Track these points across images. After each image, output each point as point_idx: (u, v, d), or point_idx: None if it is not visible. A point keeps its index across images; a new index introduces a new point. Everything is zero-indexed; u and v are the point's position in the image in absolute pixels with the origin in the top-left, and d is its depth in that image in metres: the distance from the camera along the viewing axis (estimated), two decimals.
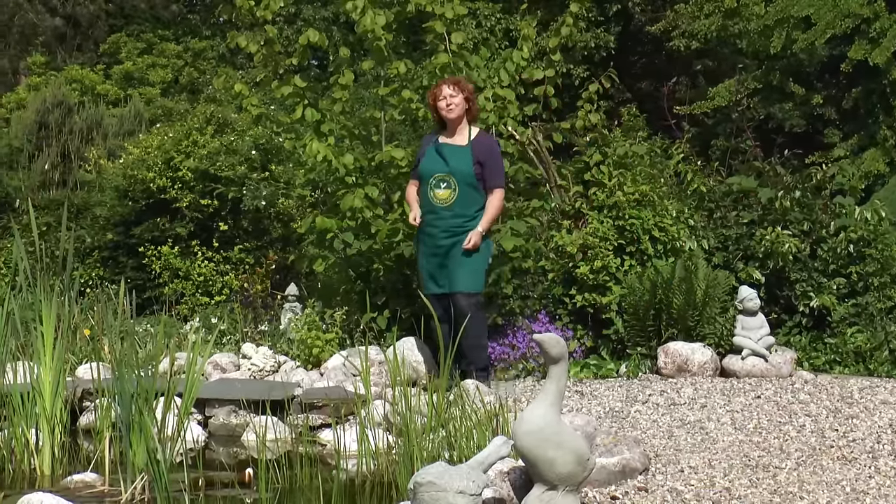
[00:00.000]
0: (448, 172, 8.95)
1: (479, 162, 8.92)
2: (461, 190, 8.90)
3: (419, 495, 4.89)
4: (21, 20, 36.82)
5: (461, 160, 8.94)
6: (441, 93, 9.04)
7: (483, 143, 9.06)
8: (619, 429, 7.35)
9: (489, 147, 9.07)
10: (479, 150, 8.97)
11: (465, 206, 8.92)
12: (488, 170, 8.94)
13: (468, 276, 8.87)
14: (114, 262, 16.00)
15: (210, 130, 16.44)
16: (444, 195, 8.94)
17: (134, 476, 6.37)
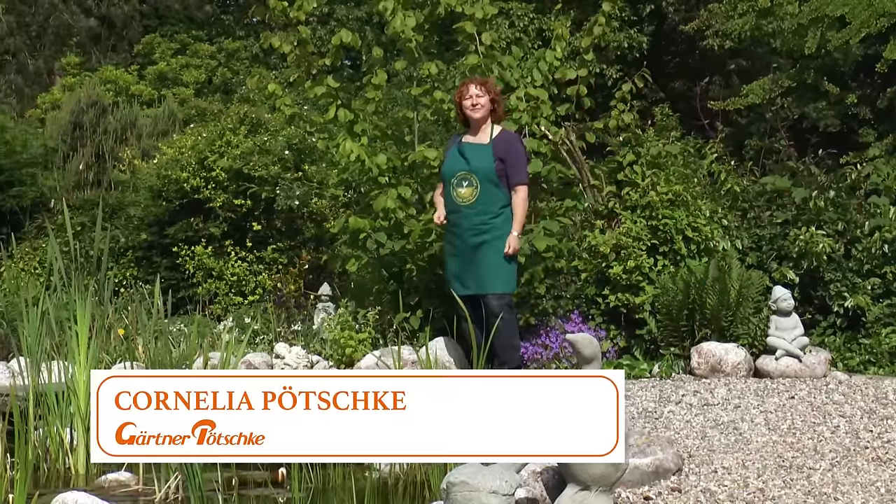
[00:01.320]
0: (469, 171, 8.97)
1: (500, 159, 8.93)
2: (483, 187, 8.92)
3: (452, 495, 4.89)
4: (56, 21, 36.99)
5: (482, 158, 8.96)
6: (467, 91, 9.05)
7: (504, 139, 9.07)
8: (652, 429, 7.34)
9: (510, 143, 9.07)
10: (499, 147, 8.98)
11: (487, 203, 8.93)
12: (509, 166, 8.93)
13: (499, 276, 8.88)
14: (148, 262, 16.07)
15: (243, 130, 16.49)
16: (467, 193, 8.96)
17: (168, 475, 6.39)
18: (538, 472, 5.42)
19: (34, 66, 37.08)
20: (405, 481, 6.52)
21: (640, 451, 6.00)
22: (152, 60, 36.70)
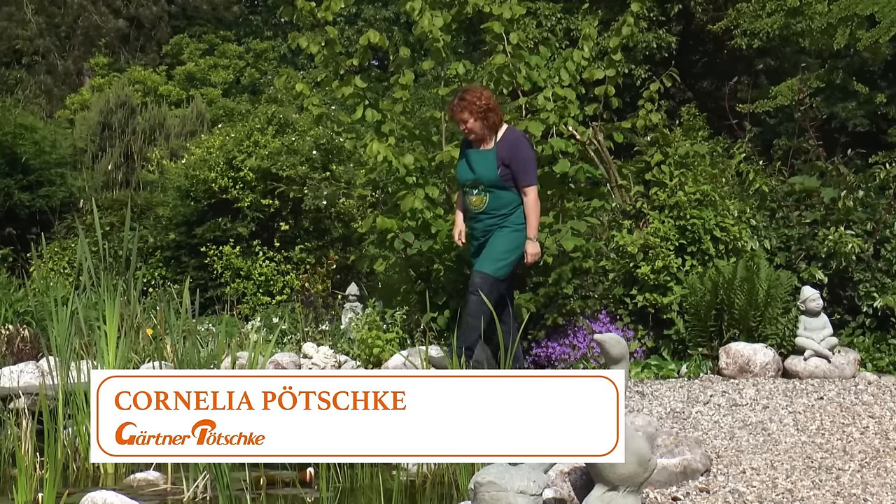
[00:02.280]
0: (475, 179, 9.06)
1: (503, 164, 8.96)
2: (491, 194, 9.03)
3: (479, 495, 4.89)
4: (85, 22, 37.13)
5: (486, 166, 9.02)
6: (456, 118, 9.14)
7: (507, 142, 9.07)
8: (680, 429, 7.32)
9: (513, 145, 9.06)
10: (502, 152, 9.00)
11: (497, 207, 9.04)
12: (515, 169, 8.97)
13: (493, 259, 8.95)
14: (176, 262, 16.11)
15: (271, 130, 16.52)
16: (477, 201, 9.08)
17: (196, 474, 6.41)
18: (566, 472, 5.42)
19: (63, 67, 37.24)
20: (433, 481, 6.53)
21: (669, 452, 5.99)
22: (181, 61, 36.85)
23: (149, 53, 38.86)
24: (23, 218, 18.40)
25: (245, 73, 36.92)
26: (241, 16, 42.37)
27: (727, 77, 25.29)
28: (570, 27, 23.86)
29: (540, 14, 23.90)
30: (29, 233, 17.88)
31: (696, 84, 26.98)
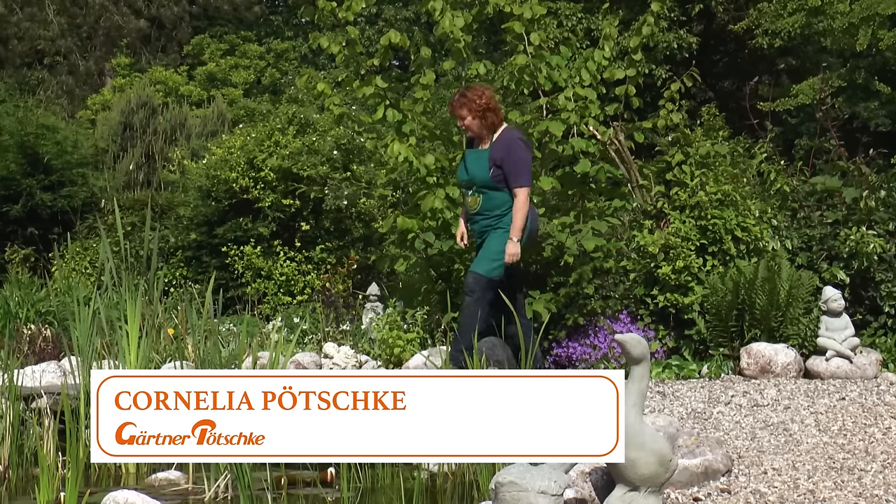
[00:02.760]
0: (469, 180, 9.13)
1: (495, 164, 8.96)
2: (485, 195, 9.05)
3: (500, 495, 4.89)
4: (106, 22, 37.24)
5: (479, 166, 9.06)
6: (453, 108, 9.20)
7: (501, 143, 9.06)
8: (701, 430, 7.31)
9: (505, 147, 9.03)
10: (496, 153, 9.00)
11: (490, 208, 9.05)
12: (506, 171, 8.94)
13: (486, 260, 8.95)
14: (197, 262, 16.14)
15: (292, 131, 16.54)
16: (472, 202, 9.15)
17: (217, 474, 6.42)
18: (587, 472, 5.42)
19: (85, 68, 37.35)
20: (453, 481, 6.53)
21: (690, 452, 5.99)
22: (201, 61, 36.92)
23: (170, 54, 38.95)
24: (45, 218, 18.45)
25: (266, 73, 36.97)
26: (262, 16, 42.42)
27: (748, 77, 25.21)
28: (591, 27, 23.82)
29: (560, 14, 23.87)
30: (51, 233, 17.95)
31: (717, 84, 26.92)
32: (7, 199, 18.23)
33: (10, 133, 18.88)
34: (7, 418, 6.89)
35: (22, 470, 6.98)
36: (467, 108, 9.01)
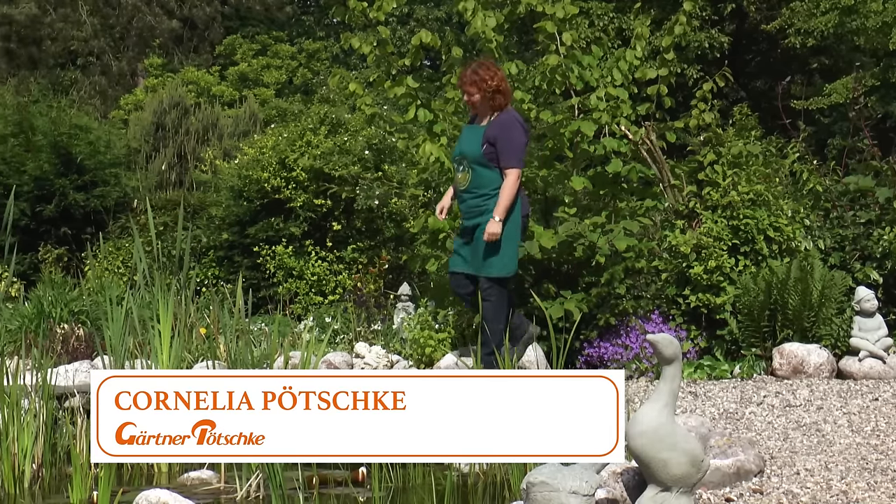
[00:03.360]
0: (461, 154, 8.93)
1: (489, 142, 8.76)
2: (474, 171, 8.82)
3: (532, 495, 4.89)
4: (139, 23, 37.40)
5: (472, 142, 8.85)
6: (460, 82, 9.05)
7: (499, 121, 8.86)
8: (733, 430, 7.29)
9: (502, 125, 8.84)
10: (492, 130, 8.80)
11: (479, 186, 8.82)
12: (499, 149, 8.74)
13: (494, 261, 8.77)
14: (229, 262, 16.18)
15: (324, 131, 16.56)
16: (462, 178, 8.92)
17: (249, 474, 6.44)
18: (618, 472, 5.41)
19: (118, 68, 37.53)
20: (485, 481, 6.53)
21: (722, 453, 5.97)
22: (233, 61, 37.04)
23: (202, 54, 39.09)
24: (78, 218, 18.54)
25: (297, 73, 37.06)
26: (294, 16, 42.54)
27: (781, 76, 25.17)
28: (623, 26, 23.81)
29: (592, 13, 23.87)
30: (84, 233, 18.03)
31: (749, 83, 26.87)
32: (40, 199, 18.32)
33: (43, 133, 18.97)
34: (40, 417, 6.92)
35: (55, 469, 7.01)
36: (477, 86, 8.88)
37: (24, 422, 6.79)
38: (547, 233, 9.83)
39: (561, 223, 10.13)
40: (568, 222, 9.98)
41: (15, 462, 6.71)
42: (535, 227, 9.88)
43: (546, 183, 10.75)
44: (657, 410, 4.99)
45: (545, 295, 9.87)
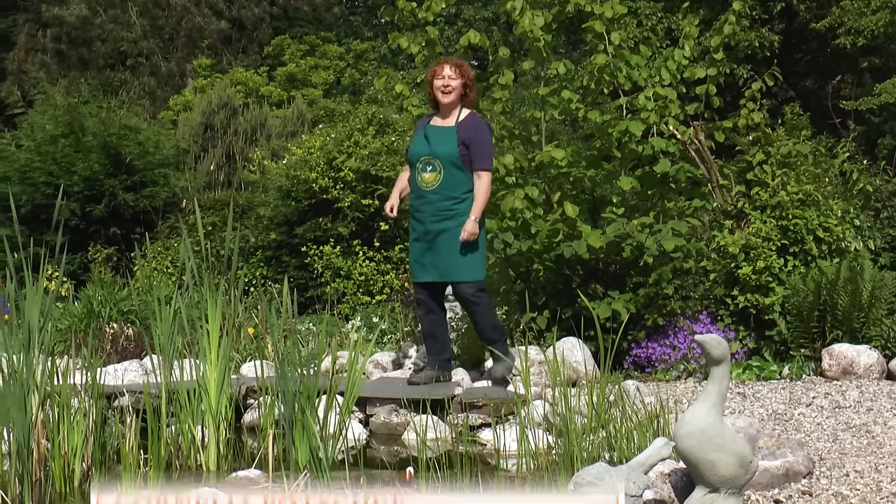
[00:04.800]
0: (432, 154, 8.72)
1: (463, 143, 8.63)
2: (446, 172, 8.65)
3: None
4: (188, 23, 37.58)
5: (445, 142, 8.69)
6: (441, 72, 8.81)
7: (469, 124, 8.75)
8: (782, 431, 7.26)
9: (475, 128, 8.73)
10: (464, 131, 8.67)
11: (450, 188, 8.66)
12: (473, 151, 8.62)
13: (467, 264, 8.65)
14: (277, 262, 16.22)
15: (371, 131, 16.58)
16: (430, 178, 8.70)
17: (297, 473, 6.45)
18: (666, 473, 5.39)
19: (167, 69, 37.72)
20: (532, 481, 6.52)
21: (770, 454, 5.94)
22: (282, 62, 37.14)
23: (250, 55, 39.24)
24: (127, 218, 18.64)
25: (345, 73, 37.14)
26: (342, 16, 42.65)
27: (831, 75, 25.03)
28: (671, 26, 23.74)
29: (641, 13, 23.81)
30: (133, 232, 18.13)
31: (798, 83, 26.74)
32: (90, 199, 18.44)
33: (93, 134, 19.09)
34: (90, 416, 6.96)
35: (104, 467, 7.04)
36: (459, 71, 8.81)
37: (74, 421, 6.83)
38: (595, 233, 9.81)
39: (609, 223, 10.12)
40: (616, 222, 9.96)
41: (65, 461, 6.75)
42: (583, 227, 9.87)
43: (594, 183, 10.73)
44: (705, 411, 4.98)
45: (593, 295, 9.86)
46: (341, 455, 6.73)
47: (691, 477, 5.16)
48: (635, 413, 6.56)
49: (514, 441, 6.94)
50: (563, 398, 6.73)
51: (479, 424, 7.95)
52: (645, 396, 7.56)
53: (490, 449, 7.31)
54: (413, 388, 8.57)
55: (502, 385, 8.48)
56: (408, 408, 8.21)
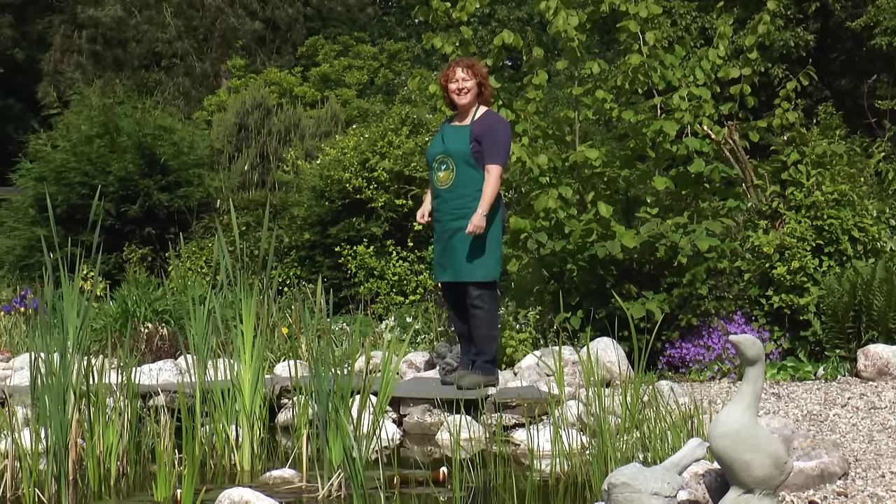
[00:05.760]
0: (445, 153, 8.69)
1: (475, 139, 8.58)
2: (459, 170, 8.60)
3: (613, 496, 4.87)
4: (222, 24, 37.72)
5: (458, 140, 8.65)
6: (454, 75, 8.77)
7: (484, 121, 8.70)
8: (816, 432, 7.23)
9: (489, 124, 8.68)
10: (477, 128, 8.63)
11: (464, 185, 8.61)
12: (484, 146, 8.55)
13: (479, 265, 8.59)
14: (310, 262, 16.26)
15: (405, 131, 16.59)
16: (444, 177, 8.67)
17: (331, 473, 6.46)
18: (700, 474, 5.38)
19: (201, 69, 37.87)
20: (566, 482, 6.51)
21: (805, 455, 5.92)
22: (315, 62, 37.21)
23: (284, 55, 39.33)
24: (161, 218, 18.72)
25: (379, 73, 37.18)
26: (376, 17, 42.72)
27: (866, 75, 24.92)
28: (705, 26, 23.69)
29: (675, 13, 23.76)
30: (167, 233, 18.20)
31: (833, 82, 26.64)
32: (125, 200, 18.52)
33: (128, 134, 19.17)
34: (125, 416, 6.99)
35: (139, 466, 7.08)
36: (472, 71, 8.75)
37: (109, 420, 6.86)
38: (629, 233, 9.80)
39: (643, 223, 10.10)
40: (650, 222, 9.94)
41: (101, 460, 6.78)
42: (617, 227, 9.86)
43: (628, 183, 10.72)
44: (740, 412, 4.96)
45: (626, 295, 9.84)
46: (375, 455, 6.73)
47: (725, 478, 5.14)
48: (669, 413, 6.55)
49: (548, 441, 6.93)
50: (597, 398, 6.72)
51: (513, 424, 7.95)
52: (679, 397, 7.54)
53: (524, 449, 7.31)
54: (447, 388, 8.58)
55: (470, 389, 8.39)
56: (441, 408, 8.22)
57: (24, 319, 12.43)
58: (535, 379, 8.81)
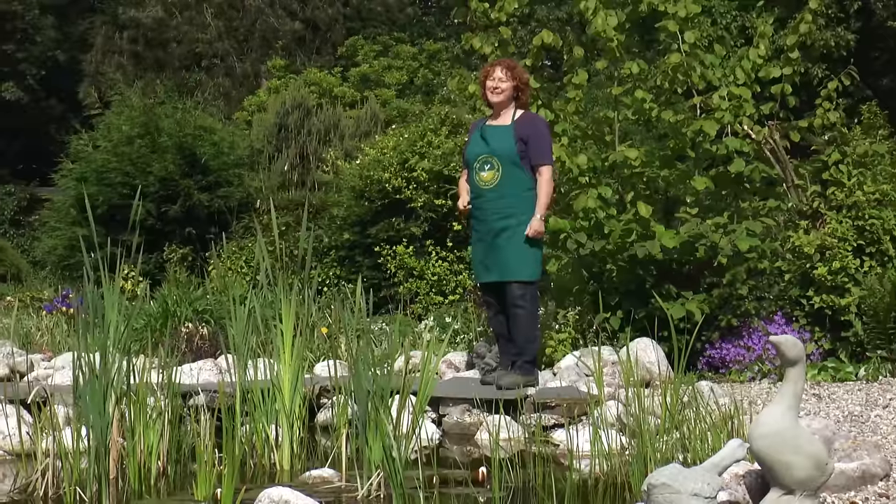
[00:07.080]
0: (490, 153, 8.71)
1: (521, 139, 8.63)
2: (504, 170, 8.65)
3: (653, 497, 4.86)
4: (262, 25, 37.85)
5: (503, 140, 8.69)
6: (493, 74, 8.85)
7: (526, 121, 8.78)
8: (858, 433, 7.19)
9: (532, 123, 8.78)
10: (521, 128, 8.69)
11: (510, 185, 8.66)
12: (531, 147, 8.62)
13: (523, 264, 8.63)
14: (350, 262, 16.28)
15: (444, 131, 16.60)
16: (489, 177, 8.70)
17: (370, 472, 6.47)
18: (740, 475, 5.36)
19: (241, 70, 38.00)
20: (605, 482, 6.50)
21: (846, 456, 5.89)
22: (355, 62, 37.24)
23: (324, 55, 39.40)
24: (202, 218, 18.80)
25: (419, 73, 37.18)
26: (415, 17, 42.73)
27: None
28: (746, 25, 23.58)
29: (715, 12, 23.66)
30: (208, 233, 18.29)
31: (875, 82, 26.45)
32: (166, 200, 18.62)
33: (169, 134, 19.27)
34: (166, 415, 7.01)
35: (180, 466, 7.10)
36: (511, 73, 8.80)
37: (150, 420, 6.89)
38: (668, 233, 9.78)
39: (682, 223, 10.08)
40: (690, 222, 9.92)
41: (141, 459, 6.81)
42: (657, 227, 9.84)
43: (668, 183, 10.69)
44: (780, 413, 4.94)
45: (666, 295, 9.82)
46: (414, 455, 6.72)
47: (766, 479, 5.12)
48: (709, 414, 6.53)
49: (587, 442, 6.92)
50: (637, 399, 6.71)
51: (552, 425, 7.95)
52: (719, 397, 7.52)
53: (563, 449, 7.30)
54: (486, 387, 8.59)
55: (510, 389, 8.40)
56: (481, 408, 8.22)
57: (66, 319, 12.49)
58: (574, 379, 8.80)
